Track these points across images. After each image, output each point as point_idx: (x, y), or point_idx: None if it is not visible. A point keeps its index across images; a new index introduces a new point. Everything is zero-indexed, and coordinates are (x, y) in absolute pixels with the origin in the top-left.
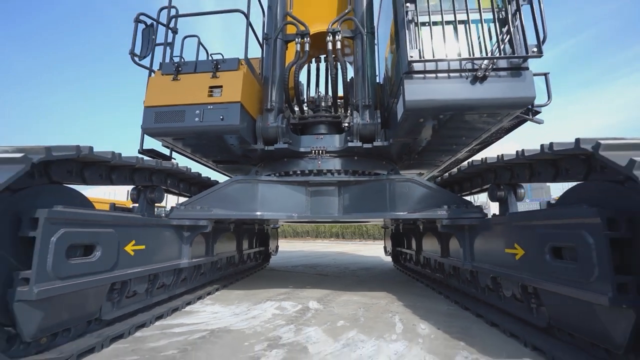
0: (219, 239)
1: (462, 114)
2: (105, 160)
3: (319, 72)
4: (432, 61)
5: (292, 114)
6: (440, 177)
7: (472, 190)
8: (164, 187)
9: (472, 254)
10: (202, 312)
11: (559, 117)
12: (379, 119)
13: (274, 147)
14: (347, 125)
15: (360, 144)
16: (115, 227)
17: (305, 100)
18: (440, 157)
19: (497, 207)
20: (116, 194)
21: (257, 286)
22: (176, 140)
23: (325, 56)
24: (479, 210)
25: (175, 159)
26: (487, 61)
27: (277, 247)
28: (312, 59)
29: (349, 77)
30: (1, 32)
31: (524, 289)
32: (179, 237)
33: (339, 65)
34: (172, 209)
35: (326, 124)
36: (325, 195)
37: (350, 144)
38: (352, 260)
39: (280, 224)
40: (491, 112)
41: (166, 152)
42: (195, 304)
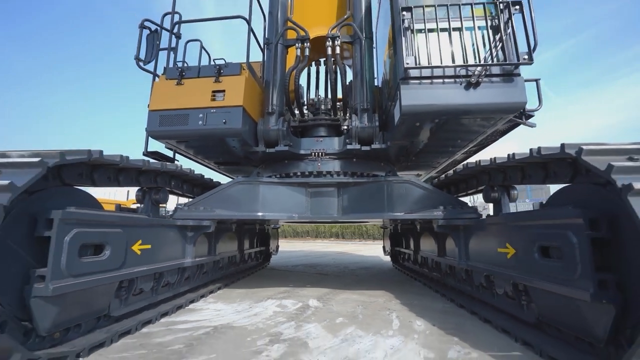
0: (221, 238)
1: (456, 118)
2: (114, 163)
3: (318, 74)
4: (428, 68)
5: (292, 117)
6: (437, 178)
7: (468, 191)
8: (168, 189)
9: (467, 253)
10: (205, 309)
11: (559, 117)
12: (377, 122)
13: (275, 149)
14: (346, 128)
15: (358, 146)
16: (123, 227)
17: (305, 103)
18: (437, 158)
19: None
20: (116, 194)
21: (258, 285)
22: (179, 142)
23: (325, 59)
24: (474, 210)
25: (178, 161)
26: (480, 67)
27: (277, 247)
28: (312, 62)
29: (347, 80)
30: (1, 32)
31: (515, 287)
32: (183, 237)
33: (338, 69)
34: (176, 209)
35: (326, 126)
36: (324, 196)
37: (349, 147)
38: (352, 259)
39: (280, 224)
40: (484, 117)
41: (169, 153)
42: (198, 302)
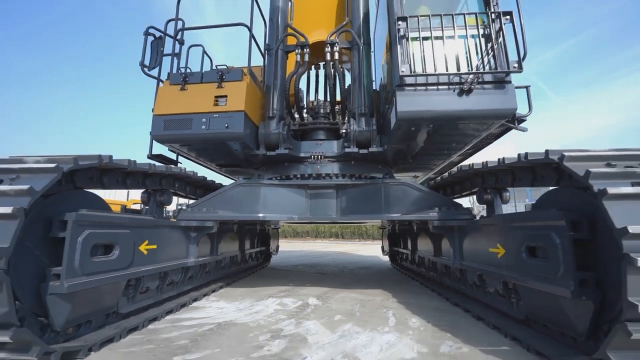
0: (223, 239)
1: (450, 124)
2: (122, 167)
3: (318, 78)
4: (422, 75)
5: (292, 121)
6: (433, 180)
7: (462, 193)
8: (172, 191)
9: (461, 253)
10: (208, 307)
11: (559, 117)
12: (375, 126)
13: (276, 152)
14: (344, 131)
15: (356, 149)
16: (131, 228)
17: (304, 106)
18: (433, 160)
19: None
20: (115, 194)
21: (259, 284)
22: (183, 145)
23: (324, 63)
24: (468, 212)
25: (181, 163)
26: (472, 75)
27: (277, 247)
28: (312, 66)
29: (346, 85)
30: (1, 32)
31: (505, 285)
32: (187, 238)
33: (337, 74)
34: (180, 210)
35: (325, 130)
36: (324, 197)
37: (347, 150)
38: (351, 259)
39: (280, 225)
40: (477, 122)
41: (172, 156)
42: (201, 300)
